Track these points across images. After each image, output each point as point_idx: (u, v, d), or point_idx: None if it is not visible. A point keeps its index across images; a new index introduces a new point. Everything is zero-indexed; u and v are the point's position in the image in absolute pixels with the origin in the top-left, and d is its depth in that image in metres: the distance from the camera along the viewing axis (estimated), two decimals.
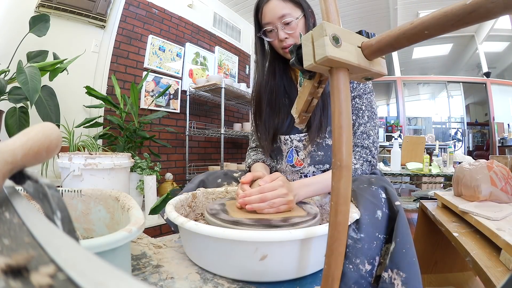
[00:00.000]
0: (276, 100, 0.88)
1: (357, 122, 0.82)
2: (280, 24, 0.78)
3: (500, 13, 0.24)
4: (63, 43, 1.86)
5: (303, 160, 0.85)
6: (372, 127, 0.82)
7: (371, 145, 0.80)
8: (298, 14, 0.78)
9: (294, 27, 0.78)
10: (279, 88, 0.88)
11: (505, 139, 4.54)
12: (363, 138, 0.81)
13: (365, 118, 0.82)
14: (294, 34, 0.78)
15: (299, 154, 0.86)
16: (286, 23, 0.77)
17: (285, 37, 0.78)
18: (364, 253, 0.52)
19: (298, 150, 0.86)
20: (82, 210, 0.58)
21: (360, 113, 0.82)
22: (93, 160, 1.08)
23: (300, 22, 0.78)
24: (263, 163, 0.90)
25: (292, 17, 0.77)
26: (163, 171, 2.34)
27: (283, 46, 0.80)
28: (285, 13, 0.77)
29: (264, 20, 0.80)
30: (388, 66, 5.10)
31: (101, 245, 0.31)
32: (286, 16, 0.77)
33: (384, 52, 0.35)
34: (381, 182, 0.63)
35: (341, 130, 0.35)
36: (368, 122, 0.82)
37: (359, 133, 0.81)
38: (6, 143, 0.24)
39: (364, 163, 0.78)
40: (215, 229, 0.43)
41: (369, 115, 0.82)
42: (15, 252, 0.13)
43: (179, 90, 2.69)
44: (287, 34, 0.78)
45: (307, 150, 0.85)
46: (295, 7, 0.79)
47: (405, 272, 0.50)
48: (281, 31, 0.78)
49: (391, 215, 0.57)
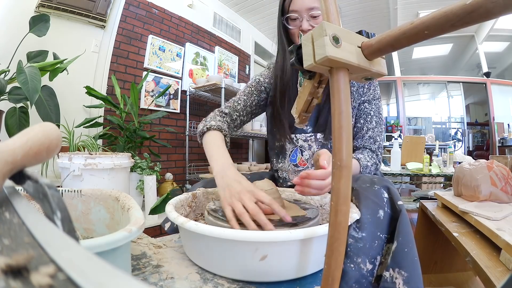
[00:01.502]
0: (293, 92, 0.86)
1: (366, 127, 0.84)
2: (307, 15, 0.77)
3: (500, 13, 0.24)
4: (63, 43, 1.86)
5: (307, 161, 0.85)
6: (379, 132, 0.85)
7: (377, 150, 0.84)
8: None
9: (319, 22, 0.76)
10: (296, 81, 0.87)
11: (505, 139, 4.55)
12: (370, 142, 0.84)
13: (373, 123, 0.84)
14: None
15: (304, 154, 0.86)
16: (313, 16, 0.77)
17: (309, 29, 0.77)
18: (365, 252, 0.52)
19: (303, 150, 0.86)
20: (82, 210, 0.58)
21: (368, 118, 0.84)
22: (93, 160, 1.08)
23: None
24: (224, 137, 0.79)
25: (320, 11, 0.76)
26: (163, 171, 2.34)
27: None
28: (315, 5, 0.76)
29: (292, 7, 0.79)
30: (388, 66, 5.10)
31: (101, 245, 0.31)
32: (315, 9, 0.76)
33: (384, 52, 0.35)
34: (384, 182, 0.63)
35: (341, 130, 0.35)
36: (376, 127, 0.84)
37: (367, 137, 0.84)
38: (6, 143, 0.24)
39: (373, 165, 0.81)
40: (215, 229, 0.43)
41: (377, 121, 0.85)
42: (15, 252, 0.13)
43: (179, 90, 2.69)
44: (311, 27, 0.77)
45: (312, 150, 0.84)
46: None
47: (406, 271, 0.50)
48: (306, 22, 0.77)
49: (393, 214, 0.57)
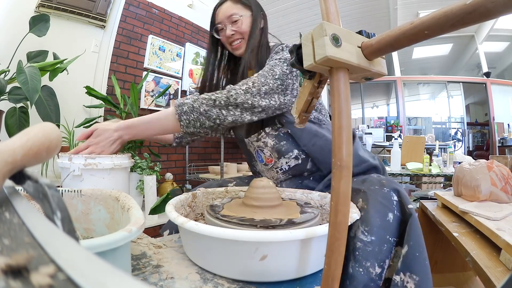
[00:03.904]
0: None
1: None
2: (228, 23, 0.87)
3: (500, 13, 0.24)
4: (63, 43, 1.86)
5: (271, 156, 0.86)
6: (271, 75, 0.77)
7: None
8: (247, 14, 0.87)
9: (239, 24, 0.86)
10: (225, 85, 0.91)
11: (505, 139, 4.55)
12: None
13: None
14: (239, 29, 0.86)
15: (265, 152, 0.86)
16: (233, 21, 0.86)
17: (232, 33, 0.87)
18: (374, 256, 0.52)
19: (261, 149, 0.87)
20: (82, 210, 0.58)
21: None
22: (93, 160, 1.08)
23: (245, 20, 0.86)
24: None
25: (238, 15, 0.86)
26: (163, 171, 2.34)
27: (231, 41, 0.88)
28: (233, 12, 0.86)
29: (217, 20, 0.89)
30: (388, 66, 5.10)
31: (101, 245, 0.31)
32: (234, 15, 0.86)
33: (384, 52, 0.35)
34: (393, 184, 0.63)
35: (341, 130, 0.35)
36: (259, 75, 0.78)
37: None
38: (6, 143, 0.24)
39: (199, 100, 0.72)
40: (215, 229, 0.43)
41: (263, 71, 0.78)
42: (15, 252, 0.13)
43: (179, 90, 2.69)
44: (233, 31, 0.87)
45: (270, 145, 0.84)
46: (244, 8, 0.87)
47: (418, 275, 0.49)
48: (229, 28, 0.87)
49: (403, 218, 0.56)
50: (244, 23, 0.86)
